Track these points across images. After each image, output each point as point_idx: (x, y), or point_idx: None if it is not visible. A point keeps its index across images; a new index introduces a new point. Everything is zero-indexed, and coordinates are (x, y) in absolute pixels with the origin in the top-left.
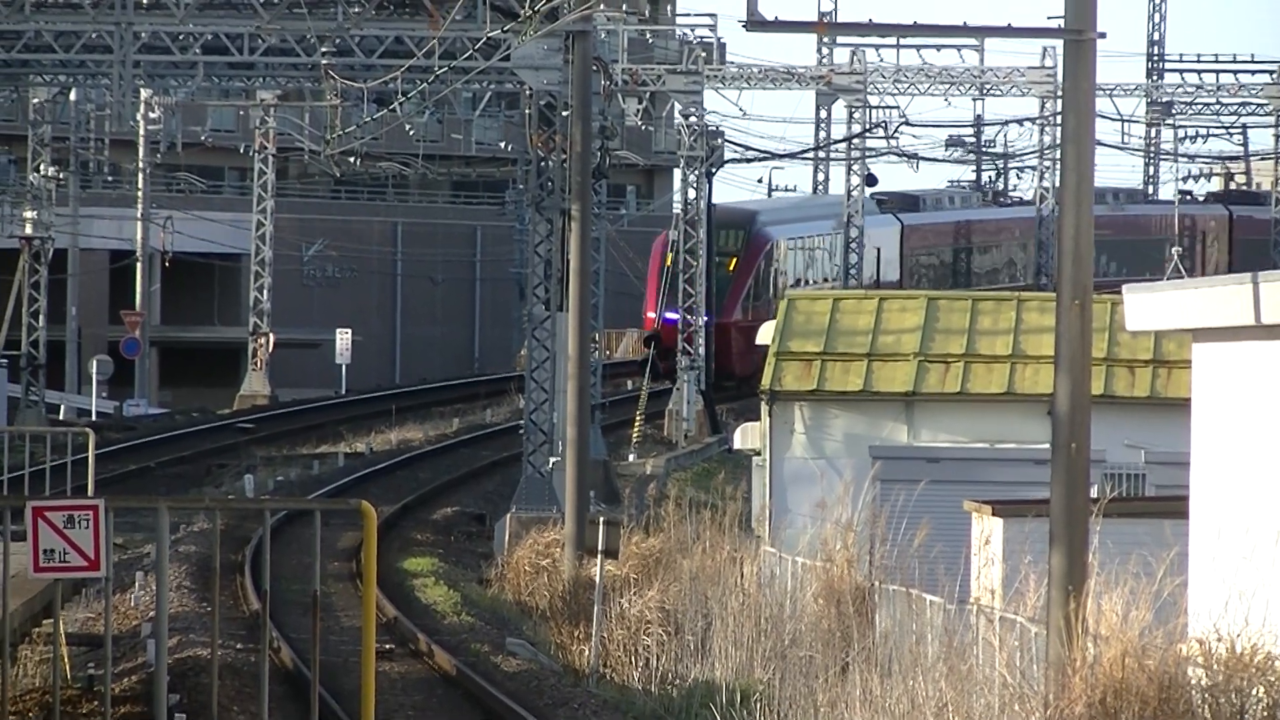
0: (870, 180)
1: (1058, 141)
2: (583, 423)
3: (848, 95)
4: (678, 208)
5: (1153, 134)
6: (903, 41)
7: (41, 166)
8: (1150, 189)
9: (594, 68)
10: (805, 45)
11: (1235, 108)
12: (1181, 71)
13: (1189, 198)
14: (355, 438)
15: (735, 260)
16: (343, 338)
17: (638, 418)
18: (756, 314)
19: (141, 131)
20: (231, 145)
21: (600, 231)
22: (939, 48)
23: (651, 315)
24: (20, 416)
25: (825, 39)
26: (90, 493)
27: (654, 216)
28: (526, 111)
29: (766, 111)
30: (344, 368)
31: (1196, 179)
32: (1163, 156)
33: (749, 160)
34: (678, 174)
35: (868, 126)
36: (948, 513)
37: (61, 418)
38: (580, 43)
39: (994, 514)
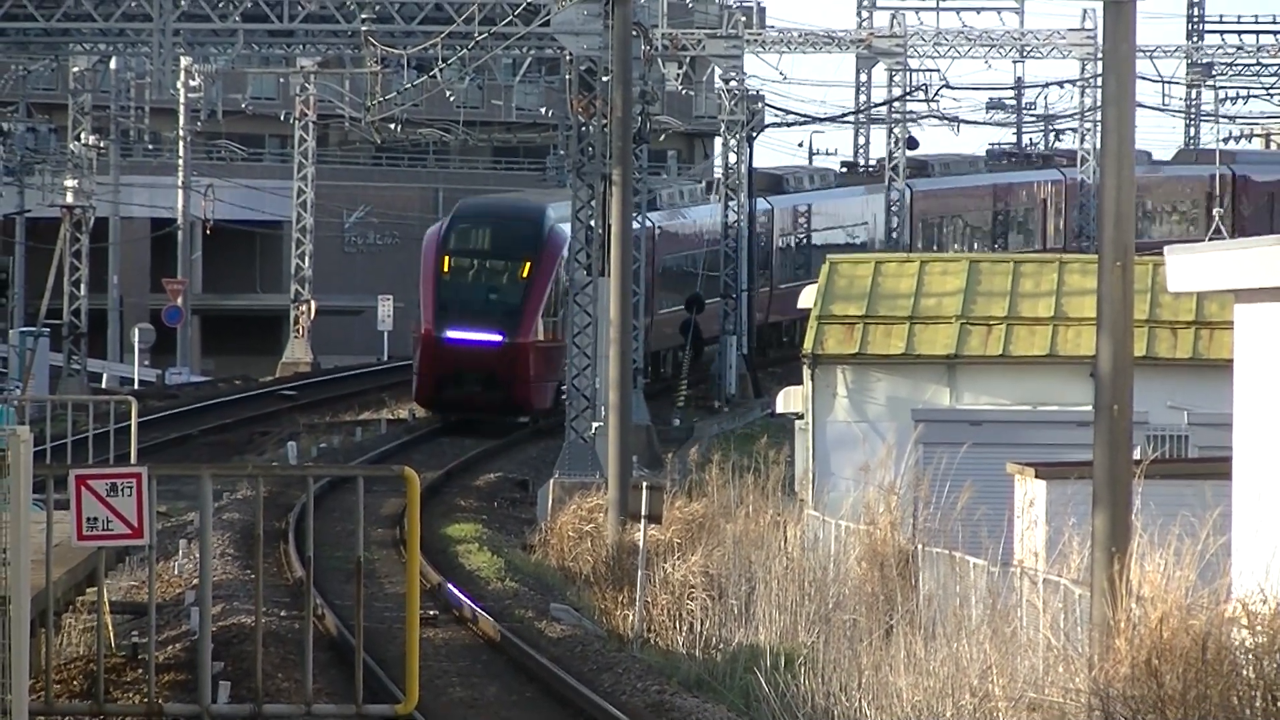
0: (911, 144)
1: (1098, 104)
2: (625, 388)
3: (888, 58)
4: (718, 172)
5: (1193, 95)
6: (942, 4)
7: (82, 135)
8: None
9: (634, 33)
10: (845, 9)
11: (1276, 69)
12: (1222, 33)
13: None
14: (398, 404)
15: (529, 265)
16: (384, 305)
17: (681, 383)
18: (558, 331)
19: (182, 99)
20: (272, 113)
21: (641, 197)
22: (979, 10)
23: (429, 333)
24: (62, 385)
25: (865, 2)
26: (133, 461)
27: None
28: (567, 77)
29: (807, 76)
30: (386, 334)
31: (1238, 140)
32: (1203, 118)
33: (789, 124)
34: (718, 139)
35: (908, 90)
36: (990, 475)
37: (104, 386)
38: (620, 7)
39: (1037, 476)
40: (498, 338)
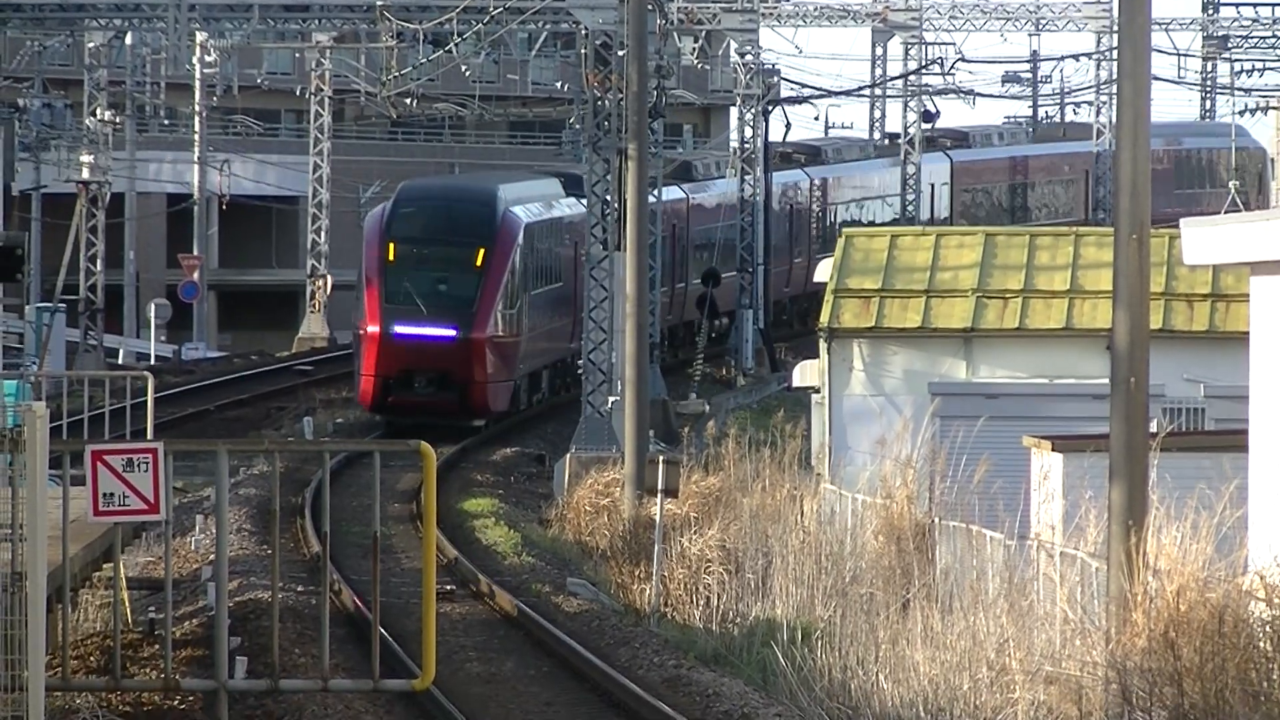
0: (928, 117)
1: (1114, 76)
2: (641, 362)
3: (904, 32)
4: (734, 144)
5: (1209, 68)
6: None
7: (98, 111)
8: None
9: (649, 6)
10: None
11: None
12: (1238, 5)
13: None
14: None
15: (483, 252)
16: None
17: (697, 357)
18: (514, 325)
19: (197, 75)
20: (288, 88)
21: (657, 170)
22: None
23: (374, 329)
24: (79, 361)
25: None
26: (149, 436)
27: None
28: (582, 51)
29: (822, 49)
30: None
31: (1253, 112)
32: (1219, 91)
33: (805, 99)
34: (734, 112)
35: (924, 63)
36: (1007, 448)
37: (120, 362)
38: None
39: (1053, 449)
40: (451, 333)
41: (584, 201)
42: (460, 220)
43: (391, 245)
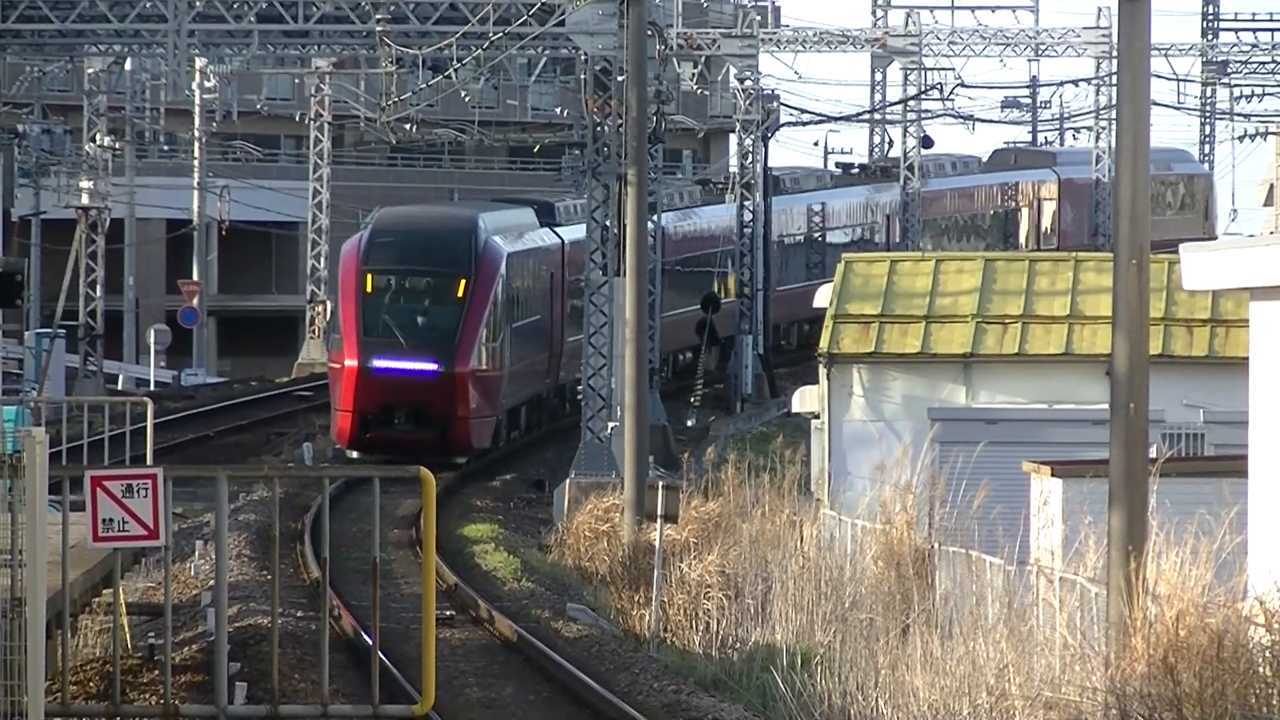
0: (927, 142)
1: (1113, 102)
2: (641, 387)
3: (903, 57)
4: (734, 169)
5: (1208, 93)
6: (957, 3)
7: (97, 136)
8: (1206, 148)
9: (649, 32)
10: (860, 8)
11: None
12: (1237, 30)
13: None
14: None
15: (464, 282)
16: None
17: (697, 383)
18: (500, 359)
19: (197, 100)
20: (287, 113)
21: (657, 196)
22: (994, 9)
23: (351, 363)
24: (78, 386)
25: (880, 1)
26: (149, 462)
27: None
28: (582, 77)
29: (822, 75)
30: None
31: (1252, 138)
32: (1218, 116)
33: (805, 124)
34: (733, 138)
35: (923, 89)
36: (1007, 474)
37: (120, 387)
38: (635, 7)
39: (1053, 475)
40: (432, 367)
41: (557, 230)
42: (440, 249)
43: (369, 275)
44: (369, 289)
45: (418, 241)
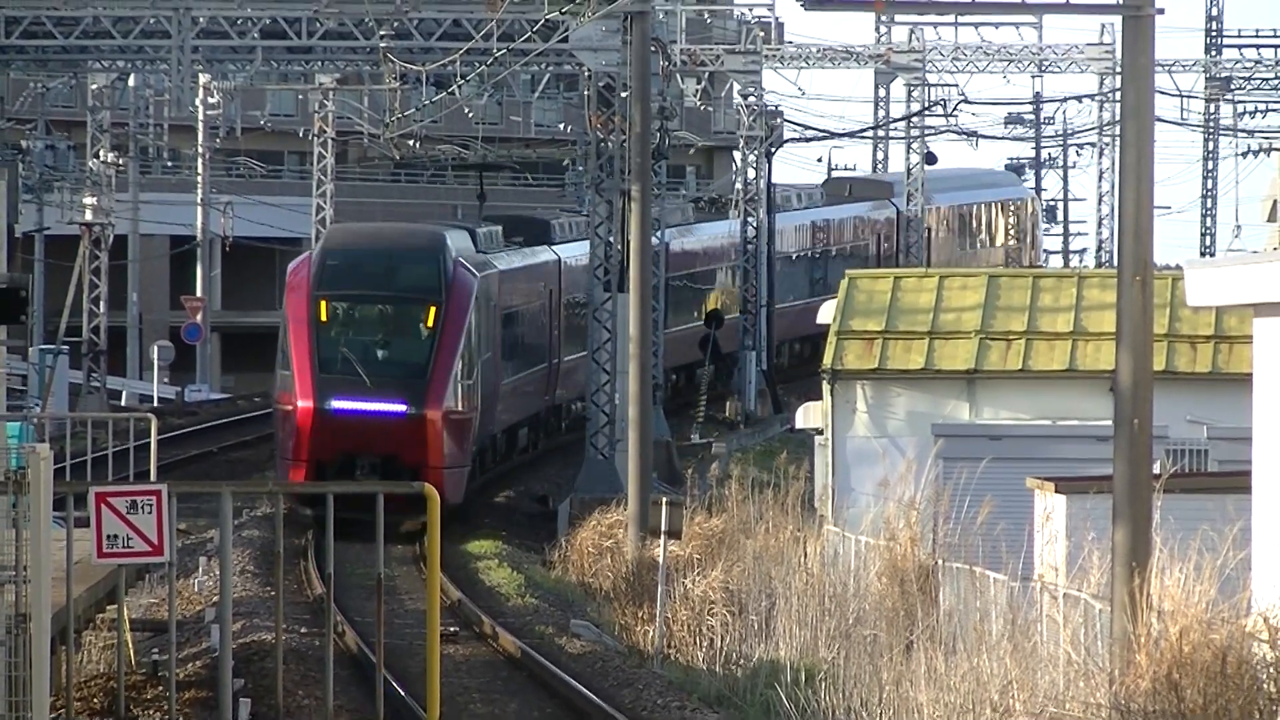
0: (930, 158)
1: (1117, 118)
2: (645, 403)
3: (906, 74)
4: (738, 186)
5: (1212, 109)
6: (961, 19)
7: (101, 152)
8: (1209, 164)
9: (652, 49)
10: (863, 24)
11: None
12: (1240, 47)
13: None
14: None
15: (433, 310)
16: None
17: (700, 399)
18: (473, 398)
19: (201, 117)
20: (291, 129)
21: (660, 212)
22: (997, 25)
23: (305, 404)
24: (82, 403)
25: (883, 17)
26: (153, 478)
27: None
28: (585, 93)
29: (825, 91)
30: None
31: (1256, 154)
32: (1222, 132)
33: (808, 140)
34: (737, 154)
35: (927, 105)
36: (1010, 490)
37: (123, 403)
38: (638, 23)
39: (1057, 491)
40: (400, 408)
41: (554, 248)
42: (403, 273)
43: (323, 304)
44: (323, 318)
45: (378, 263)
